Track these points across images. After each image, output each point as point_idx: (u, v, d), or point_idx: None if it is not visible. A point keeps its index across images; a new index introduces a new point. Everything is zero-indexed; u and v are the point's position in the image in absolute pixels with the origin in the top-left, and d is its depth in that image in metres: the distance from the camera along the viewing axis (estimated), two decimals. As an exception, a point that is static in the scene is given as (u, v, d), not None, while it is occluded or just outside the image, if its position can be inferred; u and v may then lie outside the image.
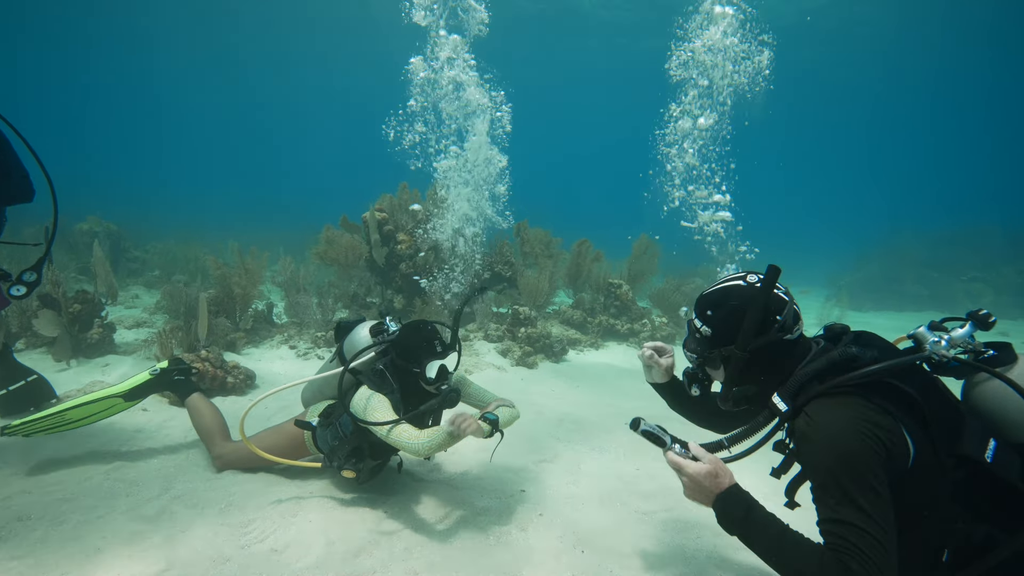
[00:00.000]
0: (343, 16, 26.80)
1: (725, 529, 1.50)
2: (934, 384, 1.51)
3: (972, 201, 34.61)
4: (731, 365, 1.64)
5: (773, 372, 1.63)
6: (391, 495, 2.81)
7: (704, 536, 2.57)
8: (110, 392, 3.14)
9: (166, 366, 3.34)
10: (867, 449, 1.32)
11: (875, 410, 1.37)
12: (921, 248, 16.21)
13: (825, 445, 1.37)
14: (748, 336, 1.57)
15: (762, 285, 1.58)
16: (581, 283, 8.48)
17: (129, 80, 37.35)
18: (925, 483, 1.38)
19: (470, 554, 2.34)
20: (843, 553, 1.27)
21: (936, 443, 1.39)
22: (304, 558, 2.22)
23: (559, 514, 2.72)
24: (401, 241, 6.99)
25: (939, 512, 1.39)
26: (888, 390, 1.40)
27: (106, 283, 6.19)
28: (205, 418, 3.14)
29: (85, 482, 2.75)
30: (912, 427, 1.38)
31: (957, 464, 1.39)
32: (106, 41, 29.25)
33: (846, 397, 1.41)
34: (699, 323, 1.71)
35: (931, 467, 1.38)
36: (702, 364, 1.75)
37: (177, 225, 14.57)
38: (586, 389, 5.34)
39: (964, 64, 27.63)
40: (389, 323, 2.83)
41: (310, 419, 2.84)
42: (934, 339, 1.52)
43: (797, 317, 1.62)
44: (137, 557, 2.15)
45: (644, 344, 2.21)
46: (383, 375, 2.65)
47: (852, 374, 1.43)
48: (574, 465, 3.39)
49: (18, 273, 2.92)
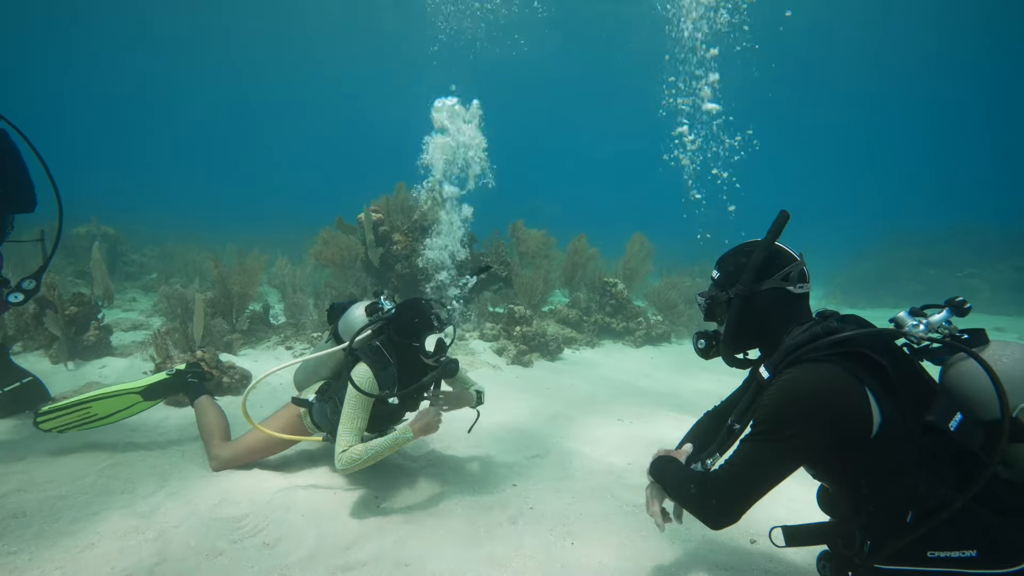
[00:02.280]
0: (339, 16, 26.81)
1: (654, 476, 1.92)
2: (908, 361, 1.59)
3: (967, 198, 34.67)
4: (733, 306, 1.72)
5: (769, 325, 1.70)
6: (382, 489, 2.84)
7: (693, 528, 2.59)
8: (129, 387, 3.26)
9: (183, 368, 3.46)
10: (812, 412, 1.45)
11: (844, 377, 1.46)
12: (917, 245, 16.27)
13: (777, 392, 1.52)
14: (751, 274, 1.67)
15: (770, 228, 1.69)
16: (577, 282, 8.52)
17: (126, 83, 37.36)
18: (892, 448, 1.47)
19: (461, 546, 2.37)
20: (714, 479, 1.59)
21: (903, 411, 1.47)
22: (296, 551, 2.25)
23: (550, 507, 2.75)
24: (397, 242, 7.02)
25: (905, 477, 1.47)
26: (860, 358, 1.49)
27: (102, 285, 6.22)
28: (209, 419, 3.19)
29: (80, 479, 2.78)
30: (880, 394, 1.46)
31: (923, 432, 1.47)
32: (106, 45, 29.25)
33: (819, 363, 1.50)
34: (714, 271, 1.84)
35: (898, 433, 1.46)
36: (711, 307, 1.83)
37: (174, 228, 14.59)
38: (580, 387, 5.37)
39: (960, 58, 27.70)
40: (384, 301, 2.87)
41: (304, 397, 2.93)
42: (913, 323, 1.59)
43: (804, 276, 1.70)
44: (131, 551, 2.17)
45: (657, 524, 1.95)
46: (379, 351, 2.71)
47: (825, 339, 1.53)
48: (566, 460, 3.42)
49: (17, 280, 2.99)
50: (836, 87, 33.74)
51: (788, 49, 25.86)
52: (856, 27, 24.61)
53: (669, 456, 1.94)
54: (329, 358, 2.94)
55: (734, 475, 1.56)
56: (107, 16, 25.79)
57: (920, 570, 1.48)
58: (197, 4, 25.36)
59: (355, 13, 26.41)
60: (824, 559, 1.78)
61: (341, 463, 2.50)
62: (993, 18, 22.96)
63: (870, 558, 1.54)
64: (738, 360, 1.85)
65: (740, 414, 1.74)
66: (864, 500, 1.55)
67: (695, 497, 1.64)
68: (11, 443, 3.19)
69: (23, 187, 2.99)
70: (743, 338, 1.78)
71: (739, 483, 1.55)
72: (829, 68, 30.12)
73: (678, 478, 1.78)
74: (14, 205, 3.01)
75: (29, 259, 6.91)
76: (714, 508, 1.58)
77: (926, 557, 1.47)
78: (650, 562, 2.31)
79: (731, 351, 1.82)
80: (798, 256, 1.73)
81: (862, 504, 1.56)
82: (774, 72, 27.71)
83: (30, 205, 3.07)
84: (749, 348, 1.83)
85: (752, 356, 1.86)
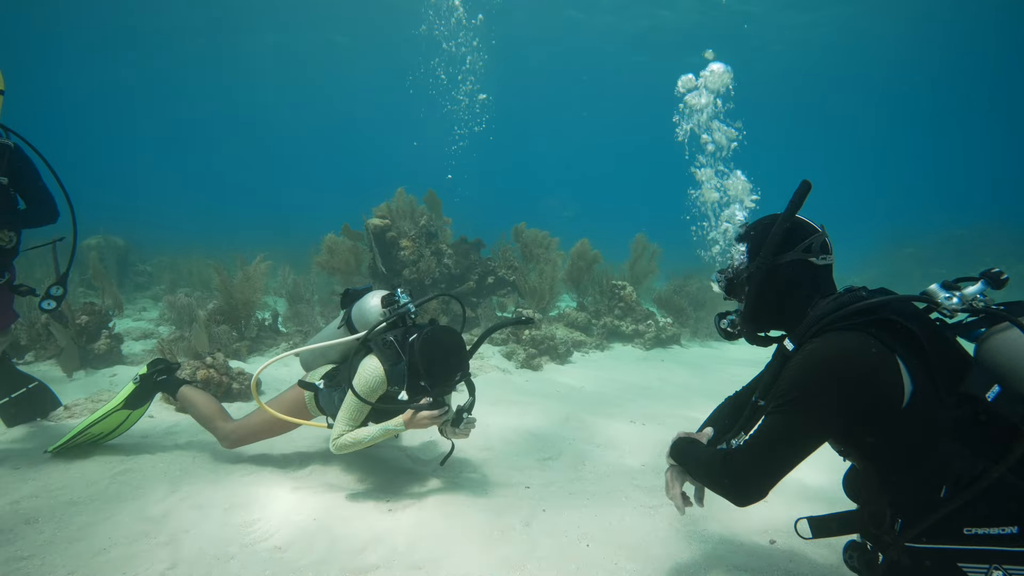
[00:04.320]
0: (351, 17, 26.91)
1: (674, 457, 1.84)
2: (940, 331, 1.52)
3: (976, 202, 34.32)
4: (754, 281, 1.67)
5: (793, 299, 1.64)
6: (393, 492, 2.81)
7: (711, 528, 2.55)
8: (111, 407, 3.13)
9: (145, 372, 3.30)
10: (838, 381, 1.40)
11: (872, 344, 1.39)
12: (927, 248, 16.12)
13: (802, 362, 1.46)
14: (772, 246, 1.62)
15: (791, 200, 1.62)
16: (584, 285, 8.48)
17: (131, 91, 37.70)
18: (924, 419, 1.40)
19: (474, 549, 2.33)
20: (738, 454, 1.53)
21: (936, 380, 1.40)
22: (308, 555, 2.23)
23: (563, 509, 2.71)
24: (404, 247, 7.03)
25: (939, 449, 1.40)
26: (890, 326, 1.43)
27: (111, 295, 6.26)
28: (200, 406, 3.15)
29: (91, 486, 2.77)
30: (912, 363, 1.40)
31: (958, 402, 1.40)
32: (106, 52, 29.52)
33: (848, 332, 1.44)
34: (735, 243, 1.79)
35: (931, 404, 1.39)
36: (731, 283, 1.78)
37: (181, 238, 14.70)
38: (591, 389, 5.32)
39: (968, 62, 27.49)
40: (400, 295, 2.86)
41: (311, 380, 2.94)
42: (946, 295, 1.52)
43: (827, 247, 1.64)
44: (143, 556, 2.16)
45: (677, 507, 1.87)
46: (393, 347, 2.71)
47: (852, 307, 1.47)
48: (578, 462, 3.38)
49: (45, 288, 3.09)
50: (846, 91, 33.54)
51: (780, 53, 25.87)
52: (867, 37, 24.49)
53: (690, 437, 1.88)
54: (335, 338, 2.96)
55: (758, 449, 1.48)
56: (110, 26, 26.03)
57: (955, 548, 1.39)
58: (204, 12, 25.61)
59: (360, 21, 26.65)
60: (851, 549, 1.70)
61: (335, 446, 2.64)
62: (1001, 21, 22.70)
63: (901, 536, 1.45)
64: (760, 338, 1.78)
65: (765, 389, 1.66)
66: (895, 474, 1.48)
67: (719, 474, 1.56)
68: (24, 450, 3.20)
69: (44, 200, 3.11)
70: (765, 314, 1.72)
71: (764, 457, 1.47)
72: (836, 72, 30.01)
73: (700, 458, 1.71)
74: (40, 218, 3.13)
75: (35, 267, 6.97)
76: (739, 483, 1.51)
77: (961, 534, 1.38)
78: (667, 563, 2.27)
79: (753, 328, 1.75)
80: (819, 227, 1.66)
81: (892, 479, 1.49)
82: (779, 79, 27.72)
83: (53, 216, 3.19)
84: (772, 326, 1.76)
85: (775, 334, 1.78)
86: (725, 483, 1.54)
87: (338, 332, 2.99)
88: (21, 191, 3.04)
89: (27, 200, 3.07)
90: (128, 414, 3.22)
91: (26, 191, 3.04)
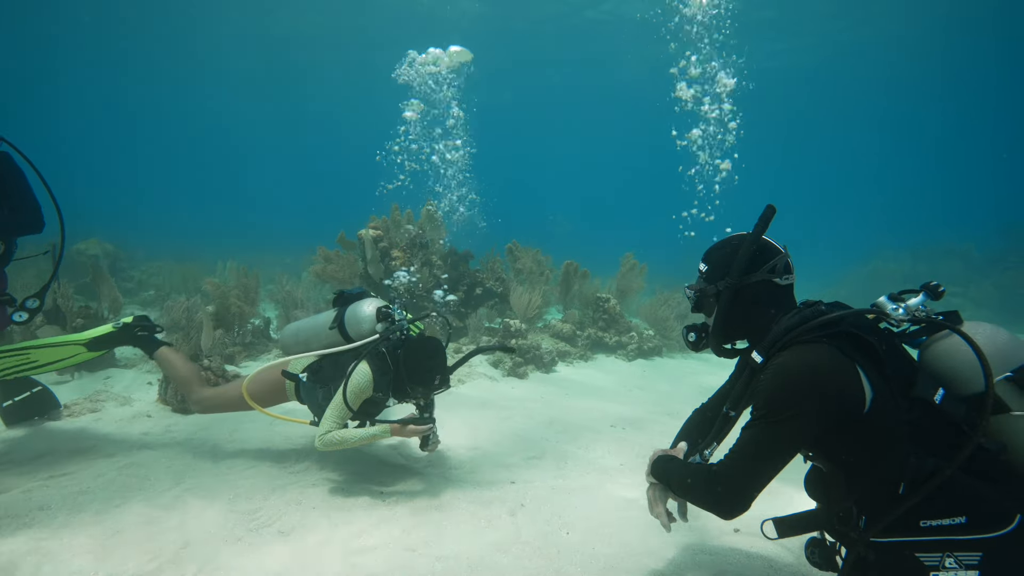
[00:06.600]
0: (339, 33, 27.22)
1: (655, 476, 1.93)
2: (892, 341, 1.70)
3: (949, 219, 35.24)
4: (722, 299, 1.79)
5: (757, 316, 1.77)
6: (388, 486, 3.00)
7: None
8: (74, 338, 3.21)
9: (129, 321, 3.32)
10: (809, 392, 1.50)
11: (836, 356, 1.52)
12: (902, 263, 16.69)
13: (773, 376, 1.56)
14: (739, 269, 1.74)
15: (757, 223, 1.76)
16: (571, 299, 8.75)
17: (122, 100, 37.56)
18: (883, 422, 1.54)
19: (464, 534, 2.53)
20: (720, 469, 1.61)
21: (892, 387, 1.56)
22: (311, 537, 2.41)
23: (546, 502, 2.92)
24: (396, 257, 7.23)
25: (896, 450, 1.54)
26: (851, 338, 1.57)
27: (109, 298, 6.36)
28: (178, 368, 3.25)
29: (99, 477, 2.92)
30: (870, 371, 1.54)
31: (911, 406, 1.57)
32: (100, 63, 29.51)
33: (813, 344, 1.57)
34: (702, 264, 1.90)
35: (888, 408, 1.54)
36: (700, 300, 1.89)
37: (172, 246, 14.69)
38: (574, 396, 5.54)
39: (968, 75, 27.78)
40: (395, 309, 3.03)
41: (293, 371, 3.11)
42: (893, 307, 1.72)
43: (789, 268, 1.78)
44: (156, 537, 2.32)
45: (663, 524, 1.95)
46: (384, 358, 2.90)
47: (816, 320, 1.60)
48: (560, 461, 3.58)
49: (22, 299, 3.05)
50: (836, 109, 34.30)
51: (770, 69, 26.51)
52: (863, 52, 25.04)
53: (668, 455, 1.96)
54: (323, 333, 3.12)
55: (739, 462, 1.58)
56: (104, 36, 26.05)
57: (914, 540, 1.53)
58: (197, 22, 25.68)
59: (351, 35, 26.96)
60: (812, 545, 1.85)
61: (321, 442, 2.78)
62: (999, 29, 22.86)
63: (865, 532, 1.59)
64: (727, 350, 1.92)
65: (735, 401, 1.79)
66: (858, 475, 1.61)
67: (702, 490, 1.64)
68: (31, 447, 3.32)
69: (31, 209, 3.04)
70: (732, 329, 1.85)
71: (745, 469, 1.57)
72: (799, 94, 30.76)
73: (681, 474, 1.78)
74: (23, 228, 3.05)
75: (26, 276, 7.04)
76: (723, 498, 1.59)
77: (919, 526, 1.52)
78: (640, 548, 2.48)
79: (720, 342, 1.88)
80: (782, 248, 1.80)
81: (856, 479, 1.62)
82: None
83: (38, 226, 3.10)
84: (737, 339, 1.90)
85: (740, 346, 1.92)
86: (711, 499, 1.62)
87: (330, 332, 3.13)
88: (5, 198, 2.95)
89: (11, 208, 2.97)
90: (80, 351, 3.22)
91: (12, 200, 2.96)
